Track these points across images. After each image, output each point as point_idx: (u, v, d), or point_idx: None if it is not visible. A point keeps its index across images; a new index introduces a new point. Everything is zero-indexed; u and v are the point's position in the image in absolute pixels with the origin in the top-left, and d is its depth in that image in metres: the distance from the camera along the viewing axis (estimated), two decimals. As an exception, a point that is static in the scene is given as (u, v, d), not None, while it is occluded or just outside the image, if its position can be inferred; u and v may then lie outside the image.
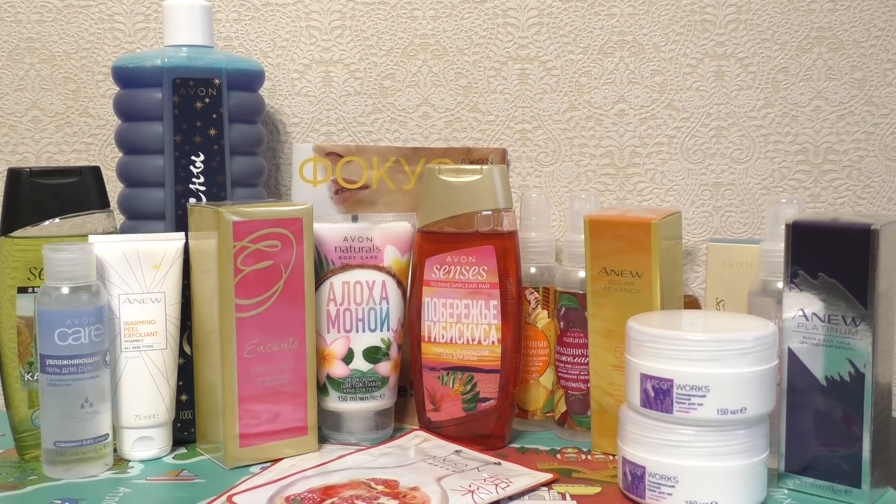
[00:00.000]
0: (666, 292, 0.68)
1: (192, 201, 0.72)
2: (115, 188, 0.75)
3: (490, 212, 0.70)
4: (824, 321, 0.61)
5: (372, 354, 0.73)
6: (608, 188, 0.87)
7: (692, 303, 0.80)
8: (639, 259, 0.67)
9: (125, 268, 0.68)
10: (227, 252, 0.66)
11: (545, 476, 0.64)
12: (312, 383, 0.70)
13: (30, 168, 0.69)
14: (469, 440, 0.71)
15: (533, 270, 0.76)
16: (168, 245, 0.70)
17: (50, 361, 0.64)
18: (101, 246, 0.68)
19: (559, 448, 0.72)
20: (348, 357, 0.72)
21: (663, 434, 0.59)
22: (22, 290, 0.68)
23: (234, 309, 0.66)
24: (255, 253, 0.67)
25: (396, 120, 0.87)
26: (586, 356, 0.72)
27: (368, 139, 0.87)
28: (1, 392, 0.72)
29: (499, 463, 0.67)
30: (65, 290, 0.65)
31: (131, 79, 0.73)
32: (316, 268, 0.71)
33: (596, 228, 0.69)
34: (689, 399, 0.58)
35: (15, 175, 0.69)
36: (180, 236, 0.71)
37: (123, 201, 0.74)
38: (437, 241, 0.72)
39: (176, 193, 0.72)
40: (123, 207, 0.74)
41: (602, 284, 0.69)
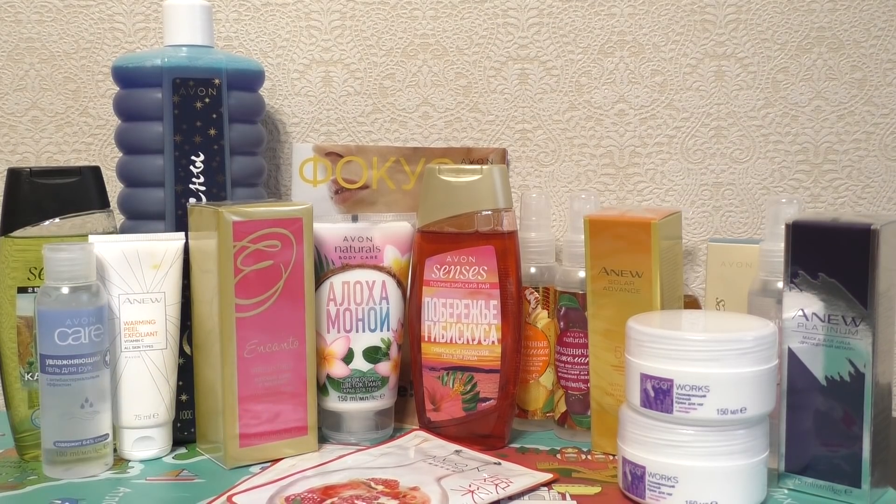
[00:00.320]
0: (666, 292, 0.68)
1: (192, 201, 0.72)
2: (115, 188, 0.75)
3: (490, 212, 0.70)
4: (824, 321, 0.61)
5: (372, 354, 0.73)
6: (608, 188, 0.87)
7: (692, 303, 0.80)
8: (639, 259, 0.67)
9: (125, 268, 0.68)
10: (227, 252, 0.66)
11: (545, 476, 0.64)
12: (312, 383, 0.70)
13: (30, 168, 0.69)
14: (469, 440, 0.71)
15: (533, 270, 0.76)
16: (168, 245, 0.70)
17: (50, 361, 0.64)
18: (101, 246, 0.68)
19: (559, 448, 0.72)
20: (348, 357, 0.72)
21: (663, 434, 0.59)
22: (22, 290, 0.68)
23: (234, 309, 0.66)
24: (255, 253, 0.67)
25: (396, 120, 0.87)
26: (586, 356, 0.72)
27: (368, 139, 0.87)
28: (1, 392, 0.72)
29: (499, 463, 0.67)
30: (65, 290, 0.65)
31: (131, 79, 0.73)
32: (316, 268, 0.71)
33: (596, 228, 0.69)
34: (689, 399, 0.58)
35: (15, 175, 0.69)
36: (180, 236, 0.71)
37: (123, 201, 0.74)
38: (437, 241, 0.71)
39: (176, 193, 0.72)
40: (123, 207, 0.74)
41: (602, 284, 0.69)
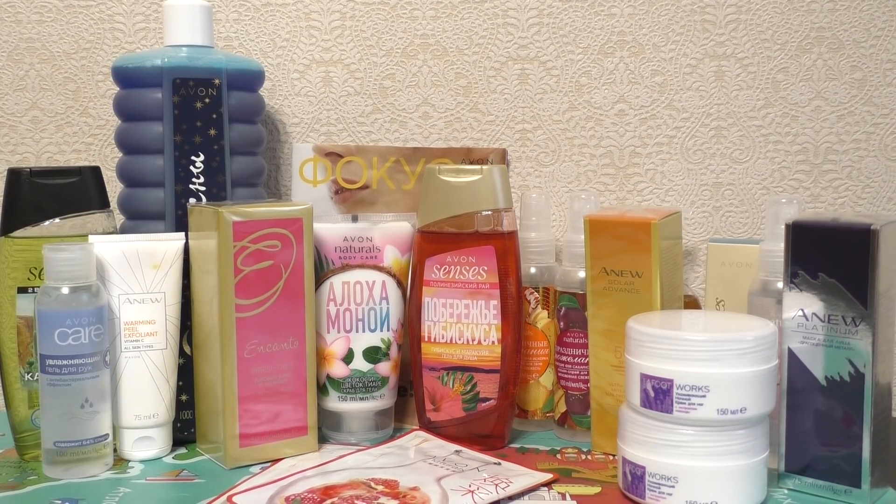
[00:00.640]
0: (666, 292, 0.68)
1: (192, 201, 0.72)
2: (115, 188, 0.75)
3: (490, 212, 0.70)
4: (824, 321, 0.61)
5: (372, 354, 0.73)
6: (608, 188, 0.87)
7: (692, 303, 0.80)
8: (639, 259, 0.67)
9: (125, 268, 0.68)
10: (227, 252, 0.66)
11: (545, 476, 0.64)
12: (312, 383, 0.70)
13: (30, 168, 0.69)
14: (469, 440, 0.71)
15: (533, 270, 0.76)
16: (168, 245, 0.70)
17: (50, 361, 0.64)
18: (101, 246, 0.68)
19: (559, 448, 0.72)
20: (348, 357, 0.72)
21: (663, 434, 0.59)
22: (22, 290, 0.68)
23: (234, 309, 0.66)
24: (255, 253, 0.67)
25: (396, 120, 0.87)
26: (586, 356, 0.72)
27: (368, 139, 0.87)
28: (1, 392, 0.72)
29: (499, 463, 0.67)
30: (65, 290, 0.64)
31: (131, 79, 0.73)
32: (316, 268, 0.71)
33: (596, 228, 0.69)
34: (689, 399, 0.58)
35: (15, 175, 0.69)
36: (180, 236, 0.71)
37: (123, 201, 0.74)
38: (437, 241, 0.71)
39: (176, 193, 0.72)
40: (123, 207, 0.74)
41: (602, 284, 0.69)
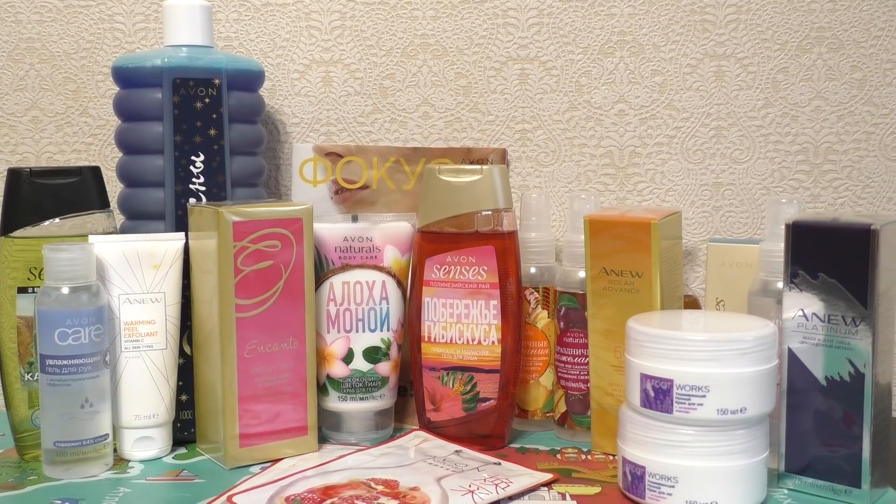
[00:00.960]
0: (666, 292, 0.68)
1: (192, 201, 0.72)
2: (115, 188, 0.75)
3: (490, 212, 0.70)
4: (824, 321, 0.61)
5: (372, 354, 0.73)
6: (608, 188, 0.87)
7: (692, 303, 0.80)
8: (639, 259, 0.67)
9: (125, 268, 0.68)
10: (227, 252, 0.66)
11: (545, 476, 0.64)
12: (312, 383, 0.70)
13: (30, 168, 0.69)
14: (469, 440, 0.71)
15: (533, 270, 0.76)
16: (168, 245, 0.70)
17: (50, 361, 0.64)
18: (101, 246, 0.68)
19: (559, 448, 0.72)
20: (348, 357, 0.72)
21: (663, 434, 0.59)
22: (22, 290, 0.68)
23: (234, 309, 0.66)
24: (256, 253, 0.67)
25: (396, 120, 0.87)
26: (586, 356, 0.72)
27: (368, 139, 0.87)
28: (1, 392, 0.72)
29: (499, 463, 0.67)
30: (65, 290, 0.64)
31: (131, 79, 0.73)
32: (316, 268, 0.71)
33: (596, 228, 0.69)
34: (689, 399, 0.58)
35: (15, 175, 0.69)
36: (180, 236, 0.71)
37: (123, 201, 0.74)
38: (437, 241, 0.71)
39: (176, 193, 0.72)
40: (123, 207, 0.74)
41: (602, 284, 0.69)
